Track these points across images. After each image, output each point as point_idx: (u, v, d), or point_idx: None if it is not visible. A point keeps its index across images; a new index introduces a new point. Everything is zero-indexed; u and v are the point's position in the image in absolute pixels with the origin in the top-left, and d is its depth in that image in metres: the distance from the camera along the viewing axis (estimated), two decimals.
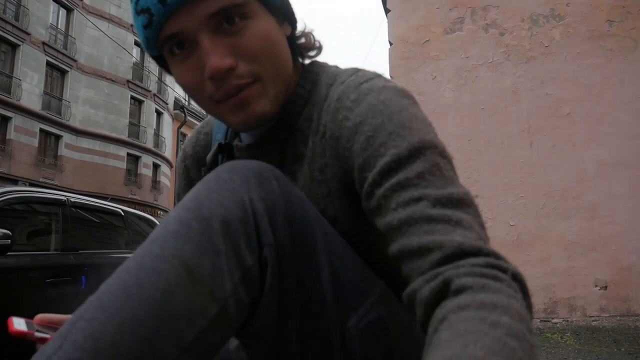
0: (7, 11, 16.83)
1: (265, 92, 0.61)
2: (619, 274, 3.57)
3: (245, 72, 0.59)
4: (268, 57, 0.61)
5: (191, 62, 0.60)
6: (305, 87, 0.67)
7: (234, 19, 0.58)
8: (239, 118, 0.62)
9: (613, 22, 3.84)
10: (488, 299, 0.42)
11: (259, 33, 0.60)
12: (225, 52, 0.58)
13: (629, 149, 3.69)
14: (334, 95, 0.63)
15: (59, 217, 3.65)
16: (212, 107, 0.64)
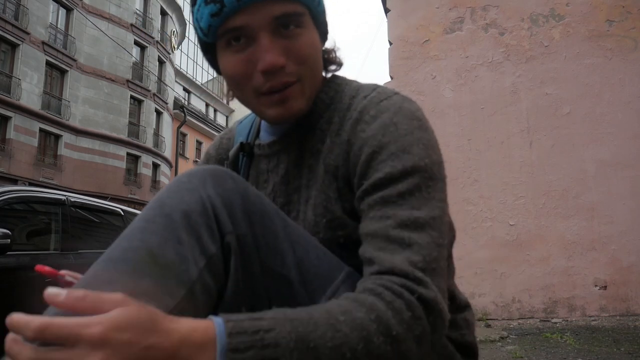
0: (7, 10, 16.82)
1: (303, 93, 0.71)
2: (619, 273, 3.57)
3: (293, 71, 0.68)
4: (311, 63, 0.70)
5: (246, 55, 0.68)
6: (329, 94, 0.76)
7: (289, 25, 0.67)
8: (276, 112, 0.70)
9: (613, 21, 3.84)
10: (369, 299, 0.52)
11: (308, 41, 0.70)
12: (280, 52, 0.67)
13: (629, 149, 3.69)
14: (357, 106, 0.71)
15: (58, 217, 3.65)
16: (253, 98, 0.71)
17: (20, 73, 17.02)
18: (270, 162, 0.79)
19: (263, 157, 0.81)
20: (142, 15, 23.24)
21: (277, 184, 0.78)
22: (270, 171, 0.79)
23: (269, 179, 0.79)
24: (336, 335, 0.49)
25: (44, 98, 18.20)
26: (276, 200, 0.77)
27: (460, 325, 0.75)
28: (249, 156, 0.82)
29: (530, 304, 3.69)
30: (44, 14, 18.24)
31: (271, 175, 0.79)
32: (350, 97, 0.74)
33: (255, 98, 0.71)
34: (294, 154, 0.76)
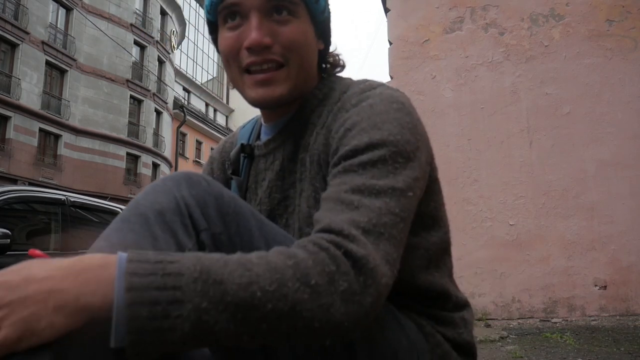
0: (7, 10, 16.81)
1: (288, 78, 0.72)
2: (619, 273, 3.57)
3: (279, 52, 0.71)
4: (299, 51, 0.72)
5: (238, 32, 0.72)
6: (322, 90, 0.78)
7: (282, 11, 0.70)
8: (258, 94, 0.72)
9: (612, 21, 3.84)
10: (291, 250, 0.53)
11: (298, 30, 0.72)
12: (267, 32, 0.70)
13: (629, 149, 3.69)
14: (345, 99, 0.73)
15: (58, 217, 3.65)
16: (239, 76, 0.74)
17: (19, 73, 17.01)
18: (267, 160, 0.81)
19: (261, 157, 0.82)
20: (142, 15, 23.23)
21: (272, 180, 0.78)
22: (267, 169, 0.80)
23: (265, 177, 0.80)
24: (245, 274, 0.48)
25: (44, 98, 18.19)
26: (272, 196, 0.78)
27: (458, 323, 0.74)
28: (249, 157, 0.84)
29: (530, 304, 3.69)
30: (44, 13, 18.23)
31: (267, 173, 0.80)
32: (340, 92, 0.76)
33: (240, 76, 0.73)
34: (289, 150, 0.78)
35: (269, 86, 0.71)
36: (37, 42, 17.70)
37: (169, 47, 25.48)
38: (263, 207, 0.79)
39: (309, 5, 0.74)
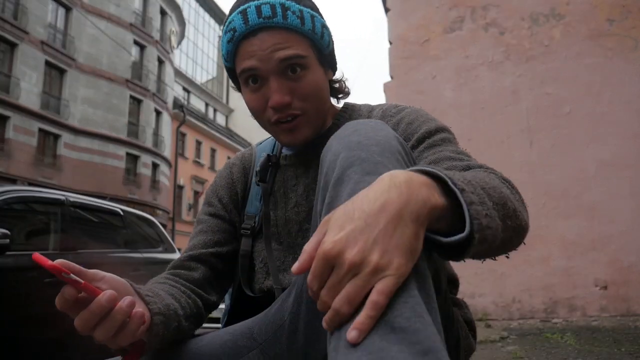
0: (6, 10, 16.79)
1: (308, 123, 0.87)
2: (619, 273, 3.56)
3: (298, 107, 0.85)
4: (314, 99, 0.86)
5: (260, 93, 0.85)
6: (347, 113, 0.96)
7: (296, 69, 0.83)
8: (287, 138, 0.88)
9: (613, 21, 3.83)
10: (485, 171, 0.69)
11: (312, 82, 0.85)
12: (286, 92, 0.83)
13: (629, 149, 3.68)
14: (378, 113, 0.91)
15: (57, 217, 3.64)
16: (270, 126, 0.88)
17: (19, 72, 16.99)
18: (298, 169, 0.94)
19: (290, 166, 0.95)
20: (142, 15, 23.22)
21: (308, 184, 0.92)
22: (299, 176, 0.94)
23: (298, 182, 0.93)
24: (489, 182, 0.61)
25: (43, 98, 18.17)
26: (310, 197, 0.91)
27: (462, 304, 0.89)
28: (274, 166, 0.97)
29: (531, 304, 3.69)
30: (43, 13, 18.21)
31: (301, 179, 0.93)
32: (367, 112, 0.94)
33: (270, 126, 0.88)
34: (316, 165, 0.86)
35: (295, 133, 0.86)
36: (37, 42, 17.68)
37: (168, 46, 25.46)
38: (301, 207, 0.92)
39: (317, 46, 0.86)
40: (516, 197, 0.67)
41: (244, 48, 0.82)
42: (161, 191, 23.65)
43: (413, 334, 0.45)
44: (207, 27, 36.03)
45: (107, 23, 20.60)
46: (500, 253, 0.65)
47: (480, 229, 0.53)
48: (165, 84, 24.49)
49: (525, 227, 0.67)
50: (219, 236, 0.95)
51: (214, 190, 1.01)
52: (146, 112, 22.82)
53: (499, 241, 0.59)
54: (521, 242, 0.69)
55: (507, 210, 0.60)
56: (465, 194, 0.54)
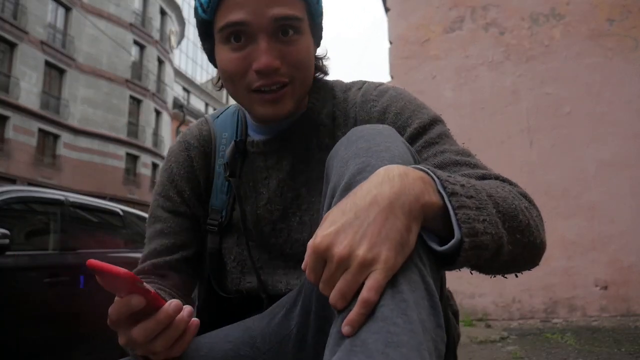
0: (5, 10, 16.78)
1: (294, 95, 0.76)
2: (619, 273, 3.56)
3: (286, 74, 0.73)
4: (304, 68, 0.76)
5: (243, 54, 0.73)
6: (319, 94, 0.84)
7: (288, 32, 0.72)
8: (266, 111, 0.75)
9: (613, 21, 3.83)
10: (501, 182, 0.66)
11: (304, 48, 0.75)
12: (276, 55, 0.72)
13: (629, 149, 3.68)
14: (356, 96, 0.82)
15: (57, 217, 3.63)
16: (245, 94, 0.76)
17: (18, 72, 16.98)
18: (268, 159, 0.83)
19: (259, 155, 0.83)
20: (141, 15, 23.21)
21: (283, 180, 0.82)
22: (271, 168, 0.82)
23: (270, 175, 0.83)
24: (498, 192, 0.60)
25: (43, 98, 18.17)
26: (285, 194, 0.82)
27: (449, 296, 0.84)
28: (241, 154, 0.85)
29: (531, 304, 3.68)
30: (43, 13, 18.21)
31: (273, 172, 0.83)
32: (342, 91, 0.84)
33: (247, 94, 0.75)
34: (299, 150, 0.82)
35: (278, 104, 0.75)
36: (36, 42, 17.67)
37: (168, 46, 25.45)
38: (275, 205, 0.82)
39: (311, 11, 0.76)
40: (533, 214, 0.64)
41: (234, 11, 0.70)
42: None
43: (392, 325, 0.45)
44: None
45: (107, 23, 20.60)
46: (509, 269, 0.63)
47: (471, 234, 0.51)
48: (165, 84, 24.48)
49: (539, 245, 0.63)
50: (183, 238, 0.84)
51: (170, 180, 0.87)
52: (146, 112, 22.82)
53: (506, 254, 0.57)
54: (536, 261, 0.66)
55: (517, 223, 0.58)
56: (456, 197, 0.52)
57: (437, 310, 0.49)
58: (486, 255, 0.54)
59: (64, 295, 3.48)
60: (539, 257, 0.65)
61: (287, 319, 0.72)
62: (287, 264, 0.82)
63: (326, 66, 0.86)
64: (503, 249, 0.56)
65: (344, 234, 0.48)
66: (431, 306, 0.48)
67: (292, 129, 0.82)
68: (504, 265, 0.60)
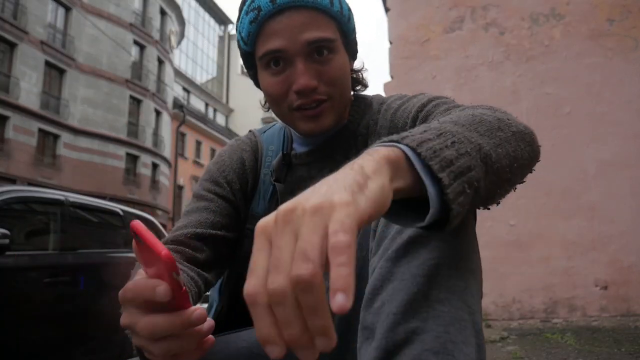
0: (5, 10, 16.78)
1: (333, 110, 0.81)
2: (619, 273, 3.56)
3: (324, 92, 0.79)
4: (340, 85, 0.81)
5: (283, 77, 0.79)
6: (360, 107, 0.90)
7: (323, 52, 0.78)
8: (308, 126, 0.81)
9: (613, 21, 3.83)
10: (486, 109, 0.65)
11: (338, 65, 0.80)
12: (313, 75, 0.77)
13: (630, 149, 3.68)
14: (384, 107, 0.88)
15: (57, 217, 3.64)
16: (288, 113, 0.82)
17: (18, 72, 16.99)
18: (311, 169, 0.87)
19: (302, 166, 0.88)
20: (142, 15, 23.21)
21: None
22: (313, 177, 0.85)
23: (312, 184, 0.83)
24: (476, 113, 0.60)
25: (43, 98, 18.17)
26: None
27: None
28: (287, 165, 0.90)
29: (531, 304, 3.68)
30: (43, 13, 18.21)
31: (315, 181, 0.81)
32: (378, 103, 0.90)
33: (289, 113, 0.81)
34: (339, 159, 0.82)
35: (319, 119, 0.80)
36: (36, 42, 17.68)
37: (168, 46, 25.45)
38: None
39: (343, 30, 0.82)
40: (497, 113, 0.62)
41: (269, 28, 0.76)
42: (161, 191, 23.65)
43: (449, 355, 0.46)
44: (207, 27, 36.02)
45: (107, 23, 20.60)
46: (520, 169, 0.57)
47: (442, 166, 0.45)
48: (165, 84, 24.48)
49: (524, 130, 0.61)
50: (227, 220, 0.85)
51: (221, 170, 0.90)
52: (146, 112, 22.82)
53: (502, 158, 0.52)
54: (536, 146, 0.63)
55: (486, 125, 0.55)
56: (409, 138, 0.47)
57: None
58: (478, 176, 0.48)
59: (64, 295, 3.48)
60: (534, 142, 0.63)
61: None
62: None
63: (365, 79, 0.92)
64: (491, 157, 0.51)
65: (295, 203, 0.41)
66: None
67: (334, 141, 0.87)
68: (509, 170, 0.54)
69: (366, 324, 0.53)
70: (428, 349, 0.45)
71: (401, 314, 0.49)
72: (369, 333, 0.52)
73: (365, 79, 0.92)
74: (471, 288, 0.51)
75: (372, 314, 0.52)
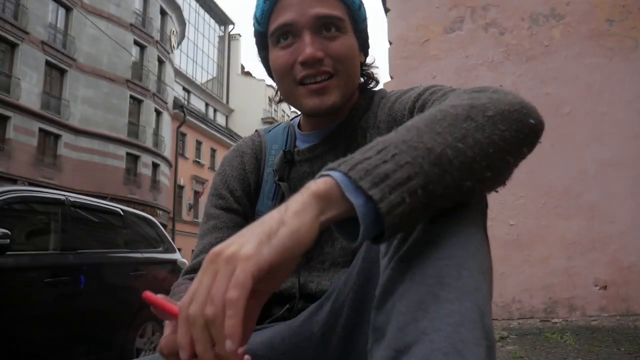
0: (6, 10, 16.80)
1: (339, 87, 0.81)
2: (619, 273, 3.56)
3: (330, 65, 0.80)
4: (347, 63, 0.82)
5: (291, 49, 0.80)
6: (365, 100, 0.90)
7: (330, 28, 0.80)
8: (314, 102, 0.81)
9: (613, 21, 3.83)
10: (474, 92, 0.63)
11: (346, 44, 0.82)
12: (319, 47, 0.79)
13: (630, 149, 3.68)
14: (384, 101, 0.88)
15: (58, 217, 3.64)
16: (293, 88, 0.82)
17: (19, 73, 17.00)
18: (314, 164, 0.87)
19: (305, 162, 0.89)
20: (142, 15, 23.23)
21: None
22: (316, 172, 0.84)
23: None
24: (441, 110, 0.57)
25: (44, 98, 18.19)
26: None
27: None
28: (289, 163, 0.90)
29: (531, 304, 3.69)
30: (43, 13, 18.23)
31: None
32: (380, 98, 0.90)
33: (295, 88, 0.82)
34: (341, 153, 0.83)
35: (323, 95, 0.80)
36: (37, 42, 17.69)
37: (168, 47, 25.46)
38: None
39: (353, 16, 0.84)
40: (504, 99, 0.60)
41: (280, 4, 0.80)
42: (161, 191, 23.66)
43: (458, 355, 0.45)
44: (207, 27, 36.02)
45: (107, 23, 20.61)
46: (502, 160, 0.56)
47: (375, 182, 0.47)
48: (165, 84, 24.49)
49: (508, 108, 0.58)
50: (237, 231, 0.87)
51: (223, 181, 0.93)
52: (146, 112, 22.83)
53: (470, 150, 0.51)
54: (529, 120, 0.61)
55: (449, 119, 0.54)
56: (345, 164, 0.50)
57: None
58: (425, 181, 0.48)
59: (64, 295, 3.49)
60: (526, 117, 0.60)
61: (310, 322, 0.72)
62: (322, 266, 0.85)
63: (376, 75, 0.93)
64: (447, 154, 0.50)
65: (231, 240, 0.48)
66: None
67: (335, 135, 0.87)
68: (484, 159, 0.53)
69: (377, 325, 0.53)
70: (437, 349, 0.45)
71: (411, 314, 0.49)
72: (380, 334, 0.52)
73: (376, 75, 0.93)
74: (481, 289, 0.51)
75: (382, 314, 0.53)
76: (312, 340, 0.70)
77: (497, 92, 0.62)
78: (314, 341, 0.70)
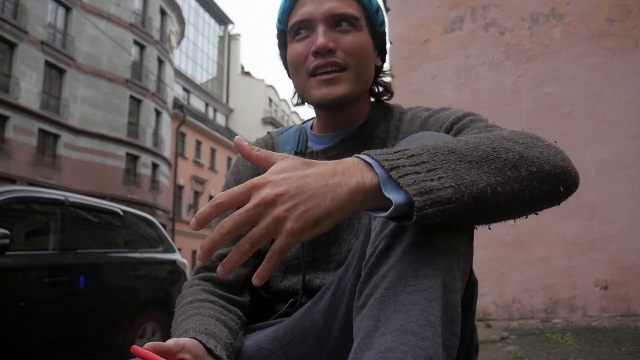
0: (5, 10, 16.79)
1: (349, 80, 0.83)
2: (620, 273, 3.56)
3: (341, 57, 0.83)
4: (359, 59, 0.84)
5: (305, 42, 0.85)
6: (380, 111, 0.93)
7: (343, 23, 0.84)
8: (322, 92, 0.83)
9: (613, 21, 3.83)
10: (529, 138, 0.64)
11: (359, 40, 0.85)
12: (331, 39, 0.83)
13: (630, 149, 3.68)
14: (409, 116, 0.91)
15: (57, 217, 3.63)
16: (305, 80, 0.85)
17: (18, 72, 16.99)
18: None
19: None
20: (142, 15, 23.21)
21: None
22: None
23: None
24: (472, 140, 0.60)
25: (43, 98, 18.17)
26: None
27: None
28: None
29: (531, 304, 3.68)
30: (43, 13, 18.21)
31: None
32: (399, 112, 0.93)
33: (307, 80, 0.85)
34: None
35: (333, 85, 0.83)
36: (36, 42, 17.68)
37: (168, 46, 25.45)
38: None
39: (369, 16, 0.87)
40: (536, 144, 0.62)
41: (300, 2, 0.85)
42: (161, 191, 23.65)
43: (421, 340, 0.49)
44: (207, 27, 36.01)
45: (107, 23, 20.60)
46: (521, 208, 0.62)
47: (423, 192, 0.52)
48: (165, 84, 24.48)
49: (553, 172, 0.60)
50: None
51: (237, 180, 0.95)
52: (146, 112, 22.82)
53: (498, 195, 0.56)
54: (557, 190, 0.62)
55: (500, 162, 0.57)
56: (398, 169, 0.54)
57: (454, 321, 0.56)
58: (459, 207, 0.53)
59: (64, 295, 3.48)
60: (560, 184, 0.61)
61: (312, 311, 0.74)
62: (328, 266, 0.86)
63: (389, 84, 0.96)
64: (486, 193, 0.55)
65: (282, 187, 0.53)
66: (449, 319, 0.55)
67: (349, 140, 0.89)
68: (508, 206, 0.59)
69: (361, 302, 0.58)
70: (413, 320, 0.51)
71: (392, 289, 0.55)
72: (363, 303, 0.58)
73: (390, 85, 0.96)
74: (452, 268, 0.57)
75: (368, 287, 0.58)
76: (314, 328, 0.73)
77: (549, 148, 0.63)
78: (316, 329, 0.72)
